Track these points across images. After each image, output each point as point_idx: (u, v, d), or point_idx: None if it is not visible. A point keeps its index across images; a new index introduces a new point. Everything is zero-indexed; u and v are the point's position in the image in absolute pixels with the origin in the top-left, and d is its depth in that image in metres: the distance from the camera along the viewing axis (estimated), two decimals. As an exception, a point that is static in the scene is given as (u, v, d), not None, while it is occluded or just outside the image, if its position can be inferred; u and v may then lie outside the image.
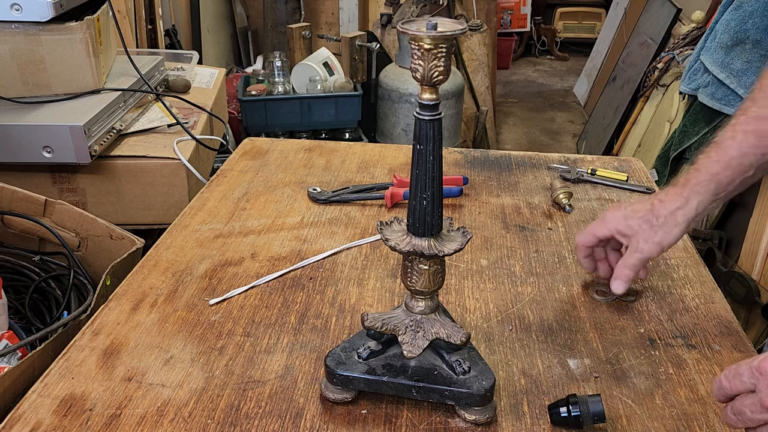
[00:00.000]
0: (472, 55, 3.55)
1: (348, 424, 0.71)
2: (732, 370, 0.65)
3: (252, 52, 4.09)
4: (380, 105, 2.97)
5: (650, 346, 0.83)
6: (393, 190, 1.17)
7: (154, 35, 2.77)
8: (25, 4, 1.34)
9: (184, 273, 0.96)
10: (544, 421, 0.71)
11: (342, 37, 2.87)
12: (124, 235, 1.21)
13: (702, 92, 2.24)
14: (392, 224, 0.71)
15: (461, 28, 0.61)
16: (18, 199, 1.25)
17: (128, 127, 1.52)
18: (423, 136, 0.64)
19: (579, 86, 5.18)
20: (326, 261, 1.01)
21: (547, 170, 1.33)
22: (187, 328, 0.85)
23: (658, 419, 0.72)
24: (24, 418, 0.70)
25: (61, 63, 1.43)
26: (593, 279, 0.97)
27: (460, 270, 0.99)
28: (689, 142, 2.36)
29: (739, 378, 0.64)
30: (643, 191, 1.23)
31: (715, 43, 2.18)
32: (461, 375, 0.71)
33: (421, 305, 0.72)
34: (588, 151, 3.86)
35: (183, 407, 0.72)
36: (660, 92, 3.07)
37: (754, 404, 0.62)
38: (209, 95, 1.88)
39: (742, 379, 0.63)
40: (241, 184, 1.24)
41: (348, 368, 0.72)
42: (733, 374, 0.65)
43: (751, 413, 0.62)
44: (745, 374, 0.63)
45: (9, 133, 1.32)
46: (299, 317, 0.88)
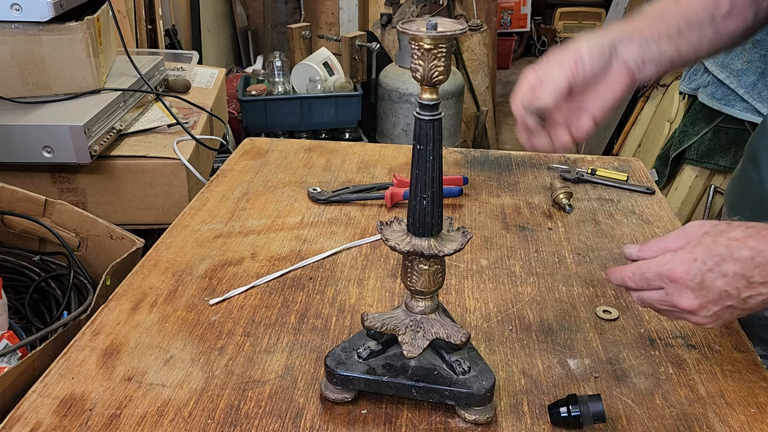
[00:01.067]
0: (472, 55, 3.55)
1: (348, 424, 0.71)
2: (638, 275, 0.70)
3: (252, 52, 4.09)
4: (380, 105, 2.97)
5: (650, 346, 0.83)
6: (393, 190, 1.17)
7: (154, 35, 2.77)
8: (25, 4, 1.34)
9: (184, 273, 0.96)
10: (544, 421, 0.71)
11: (342, 37, 2.87)
12: (124, 235, 1.21)
13: (702, 92, 2.24)
14: (392, 224, 0.71)
15: (461, 28, 0.61)
16: (18, 199, 1.25)
17: (128, 127, 1.52)
18: (423, 136, 0.64)
19: (579, 86, 5.17)
20: (326, 261, 1.01)
21: (547, 170, 1.33)
22: (187, 328, 0.85)
23: (658, 419, 0.72)
24: (24, 418, 0.70)
25: (61, 63, 1.43)
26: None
27: (460, 270, 0.99)
28: (689, 142, 2.36)
29: (646, 282, 0.69)
30: (643, 191, 1.23)
31: (715, 43, 2.17)
32: (461, 375, 0.71)
33: (421, 305, 0.72)
34: (588, 151, 3.86)
35: (183, 407, 0.72)
36: (660, 92, 3.07)
37: (664, 301, 0.69)
38: (209, 95, 1.88)
39: (649, 282, 0.69)
40: (241, 184, 1.24)
41: (348, 368, 0.72)
42: (640, 278, 0.70)
43: (660, 306, 0.70)
44: (652, 279, 0.69)
45: (9, 133, 1.32)
46: (299, 317, 0.88)
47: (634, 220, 1.14)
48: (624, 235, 1.09)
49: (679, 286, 0.67)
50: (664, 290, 0.69)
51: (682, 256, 0.67)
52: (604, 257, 1.02)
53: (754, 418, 0.72)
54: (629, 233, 1.09)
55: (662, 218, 1.14)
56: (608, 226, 1.12)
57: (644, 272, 0.70)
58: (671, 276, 0.67)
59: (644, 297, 0.71)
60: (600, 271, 0.99)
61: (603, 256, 1.03)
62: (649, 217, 1.15)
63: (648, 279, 0.69)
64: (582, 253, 1.03)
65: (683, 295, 0.67)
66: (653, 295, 0.70)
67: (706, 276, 0.66)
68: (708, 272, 0.66)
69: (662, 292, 0.69)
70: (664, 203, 1.20)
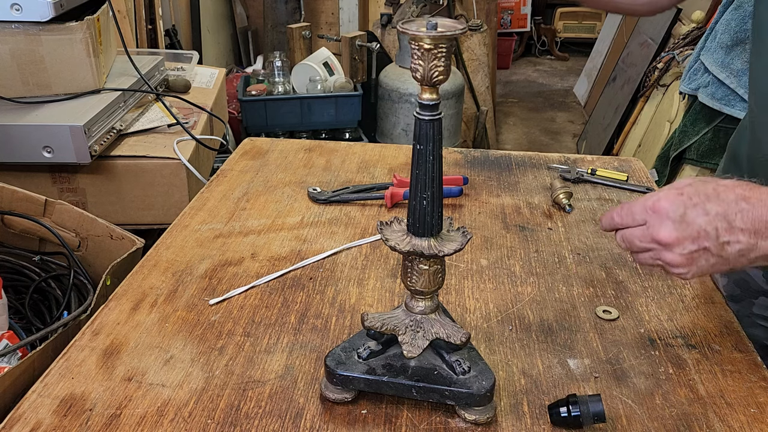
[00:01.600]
0: (472, 55, 3.55)
1: (348, 424, 0.71)
2: (625, 209, 0.73)
3: (252, 52, 4.09)
4: (380, 105, 2.97)
5: (650, 346, 0.83)
6: (393, 190, 1.17)
7: (154, 35, 2.77)
8: (25, 4, 1.34)
9: (184, 273, 0.96)
10: (544, 421, 0.71)
11: (342, 37, 2.87)
12: (124, 235, 1.21)
13: (702, 92, 2.24)
14: (392, 224, 0.71)
15: (461, 28, 0.61)
16: (18, 199, 1.25)
17: (128, 127, 1.52)
18: (423, 136, 0.64)
19: (579, 86, 5.18)
20: (326, 261, 1.01)
21: (547, 170, 1.33)
22: (187, 328, 0.85)
23: (658, 419, 0.72)
24: (24, 418, 0.70)
25: (61, 63, 1.43)
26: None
27: (460, 270, 0.99)
28: (689, 142, 2.36)
29: (631, 216, 0.72)
30: (643, 191, 1.23)
31: (715, 43, 2.18)
32: (461, 375, 0.71)
33: (421, 305, 0.72)
34: (588, 151, 3.86)
35: (183, 407, 0.72)
36: (660, 92, 3.07)
37: (644, 236, 0.70)
38: (209, 95, 1.88)
39: (634, 216, 0.71)
40: (241, 184, 1.24)
41: (348, 368, 0.72)
42: (627, 212, 0.72)
43: (640, 242, 0.71)
44: (638, 213, 0.71)
45: (9, 133, 1.32)
46: (299, 317, 0.88)
47: (634, 220, 1.13)
48: (624, 235, 1.09)
49: (660, 216, 0.68)
50: (647, 224, 0.70)
51: (669, 191, 0.70)
52: (604, 257, 1.02)
53: (754, 418, 0.72)
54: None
55: (662, 218, 1.14)
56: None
57: (631, 206, 0.72)
58: (655, 207, 0.69)
59: (626, 233, 0.73)
60: (600, 270, 0.99)
61: (603, 256, 1.03)
62: (649, 217, 1.15)
63: (634, 212, 0.71)
64: (582, 253, 1.03)
65: (663, 225, 0.68)
66: (635, 231, 0.71)
67: (690, 210, 0.67)
68: (692, 207, 0.67)
69: (644, 227, 0.70)
70: (664, 203, 1.20)
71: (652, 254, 0.71)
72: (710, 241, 0.67)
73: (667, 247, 0.69)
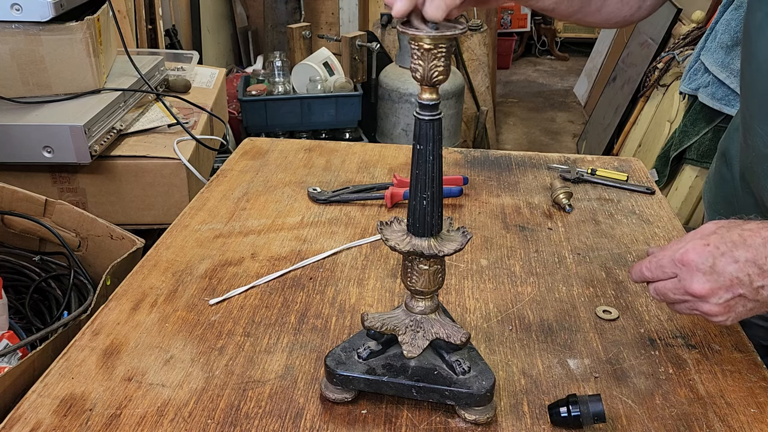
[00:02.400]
0: (472, 55, 3.55)
1: (348, 424, 0.71)
2: (654, 263, 0.73)
3: (252, 52, 4.10)
4: (380, 105, 2.97)
5: (650, 346, 0.83)
6: (393, 190, 1.17)
7: (154, 35, 2.77)
8: (25, 4, 1.34)
9: (184, 273, 0.96)
10: (544, 421, 0.71)
11: (342, 37, 2.87)
12: (124, 235, 1.21)
13: (702, 92, 2.24)
14: (392, 224, 0.71)
15: (461, 28, 0.61)
16: (18, 199, 1.25)
17: (128, 127, 1.52)
18: (423, 136, 0.64)
19: (579, 86, 5.18)
20: (326, 261, 1.01)
21: (547, 170, 1.33)
22: (187, 328, 0.85)
23: (658, 419, 0.72)
24: (24, 418, 0.70)
25: (62, 63, 1.43)
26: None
27: (460, 270, 0.99)
28: (689, 142, 2.36)
29: (661, 269, 0.72)
30: (643, 191, 1.23)
31: (716, 43, 2.18)
32: (461, 375, 0.71)
33: (421, 305, 0.72)
34: (588, 151, 3.87)
35: (183, 407, 0.72)
36: (660, 92, 3.07)
37: (677, 288, 0.71)
38: (209, 95, 1.88)
39: (664, 270, 0.72)
40: (241, 184, 1.24)
41: (348, 368, 0.72)
42: (656, 266, 0.73)
43: (674, 295, 0.71)
44: (667, 266, 0.71)
45: (9, 133, 1.32)
46: (299, 317, 0.88)
47: (634, 220, 1.14)
48: (624, 235, 1.09)
49: (690, 269, 0.68)
50: (678, 277, 0.70)
51: (695, 242, 0.69)
52: (604, 257, 1.02)
53: (754, 418, 0.72)
54: (629, 233, 1.09)
55: (662, 218, 1.15)
56: (608, 226, 1.12)
57: (659, 260, 0.72)
58: (684, 259, 0.69)
59: (659, 287, 0.73)
60: (600, 270, 0.99)
61: (603, 256, 1.03)
62: (649, 217, 1.15)
63: (663, 266, 0.71)
64: (582, 253, 1.03)
65: (695, 278, 0.68)
66: (667, 284, 0.71)
67: (718, 260, 0.67)
68: (720, 256, 0.67)
69: (675, 279, 0.70)
70: (664, 203, 1.20)
71: (689, 305, 0.71)
72: (744, 287, 0.67)
73: (702, 299, 0.69)
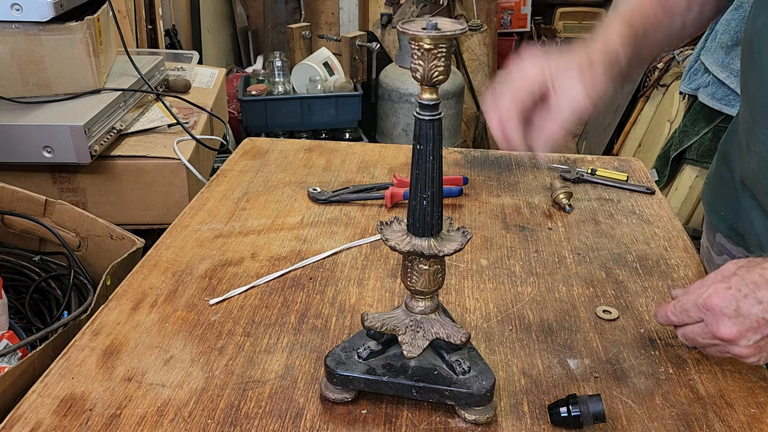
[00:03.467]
0: (472, 55, 3.55)
1: (348, 424, 0.71)
2: (679, 308, 0.73)
3: (252, 52, 4.10)
4: (380, 105, 2.97)
5: (650, 346, 0.83)
6: (393, 190, 1.17)
7: (154, 35, 2.78)
8: (25, 4, 1.34)
9: (184, 273, 0.96)
10: (544, 421, 0.71)
11: (342, 37, 2.87)
12: (124, 235, 1.21)
13: (702, 92, 2.24)
14: (392, 224, 0.71)
15: (461, 28, 0.61)
16: (18, 199, 1.25)
17: (128, 127, 1.52)
18: (423, 136, 0.64)
19: (579, 86, 5.17)
20: (326, 261, 1.01)
21: (547, 170, 1.33)
22: (187, 328, 0.85)
23: (658, 419, 0.72)
24: (24, 418, 0.70)
25: (62, 63, 1.43)
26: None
27: (460, 270, 0.99)
28: (689, 142, 2.36)
29: (686, 314, 0.72)
30: (643, 191, 1.23)
31: (716, 43, 2.18)
32: (461, 375, 0.71)
33: (421, 305, 0.72)
34: (588, 151, 3.86)
35: (183, 407, 0.72)
36: (660, 92, 3.07)
37: (705, 333, 0.71)
38: (209, 95, 1.88)
39: (689, 314, 0.72)
40: (241, 184, 1.24)
41: (348, 368, 0.72)
42: (680, 311, 0.73)
43: (702, 339, 0.72)
44: (692, 311, 0.72)
45: (9, 133, 1.32)
46: (299, 317, 0.88)
47: (634, 220, 1.14)
48: (624, 235, 1.09)
49: (716, 314, 0.69)
50: (704, 321, 0.71)
51: (717, 286, 0.70)
52: (604, 257, 1.02)
53: (754, 418, 0.72)
54: (629, 233, 1.09)
55: (662, 218, 1.14)
56: (608, 226, 1.12)
57: (683, 304, 0.72)
58: (708, 305, 0.69)
59: (687, 332, 0.73)
60: (600, 270, 0.99)
61: (603, 256, 1.03)
62: (649, 217, 1.15)
63: (687, 311, 0.72)
64: (582, 253, 1.03)
65: (721, 323, 0.69)
66: (695, 328, 0.72)
67: (742, 303, 0.68)
68: (743, 299, 0.68)
69: (702, 324, 0.71)
70: (664, 203, 1.20)
71: (719, 348, 0.72)
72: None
73: (731, 342, 0.69)
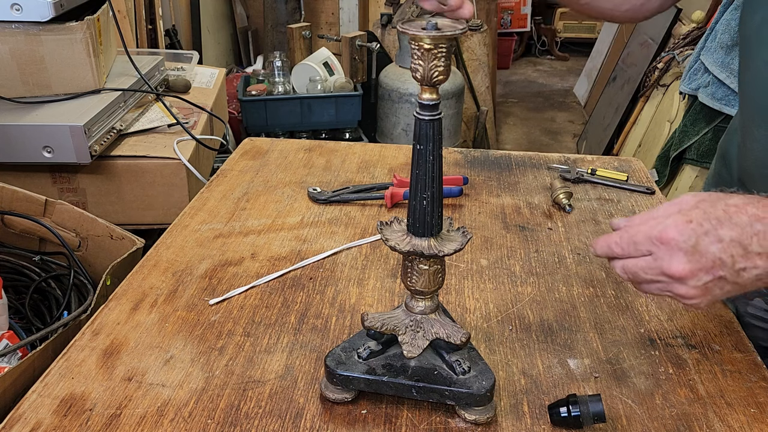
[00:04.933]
0: (472, 55, 3.55)
1: (348, 424, 0.71)
2: (626, 239, 0.66)
3: (252, 52, 4.10)
4: (380, 105, 2.97)
5: (650, 346, 0.83)
6: (393, 190, 1.17)
7: (154, 35, 2.78)
8: (25, 4, 1.34)
9: (184, 273, 0.96)
10: (544, 421, 0.71)
11: (342, 37, 2.87)
12: (124, 235, 1.21)
13: (702, 92, 2.24)
14: (392, 224, 0.71)
15: (461, 28, 0.61)
16: (18, 199, 1.25)
17: (128, 127, 1.52)
18: (423, 136, 0.64)
19: (579, 86, 5.18)
20: (326, 261, 1.01)
21: (547, 170, 1.33)
22: (187, 328, 0.85)
23: (658, 419, 0.72)
24: (24, 418, 0.70)
25: (61, 63, 1.43)
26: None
27: (460, 270, 0.99)
28: (689, 141, 2.36)
29: (634, 246, 0.65)
30: (643, 191, 1.23)
31: (716, 43, 2.18)
32: (461, 375, 0.71)
33: (421, 305, 0.72)
34: (588, 151, 3.87)
35: (183, 407, 0.72)
36: (660, 92, 3.07)
37: (651, 268, 0.64)
38: (209, 95, 1.88)
39: (637, 247, 0.65)
40: (241, 184, 1.24)
41: (348, 368, 0.72)
42: (627, 242, 0.65)
43: (645, 275, 0.65)
44: (641, 243, 0.64)
45: (9, 133, 1.32)
46: (299, 317, 0.88)
47: (634, 220, 1.13)
48: (624, 235, 1.09)
49: (670, 248, 0.62)
50: (653, 255, 0.64)
51: (677, 218, 0.63)
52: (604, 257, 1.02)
53: (754, 418, 0.72)
54: (629, 233, 1.09)
55: (662, 218, 1.14)
56: (608, 226, 1.12)
57: (632, 235, 0.65)
58: (663, 237, 0.63)
59: (629, 265, 0.66)
60: (600, 270, 0.99)
61: (603, 256, 1.03)
62: (649, 217, 1.15)
63: (637, 243, 0.65)
64: (582, 253, 1.03)
65: (674, 258, 0.62)
66: (640, 262, 0.65)
67: (702, 239, 0.61)
68: (704, 235, 0.61)
69: (650, 258, 0.64)
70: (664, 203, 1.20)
71: (661, 286, 0.65)
72: (726, 269, 0.62)
73: (679, 281, 0.63)
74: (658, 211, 0.66)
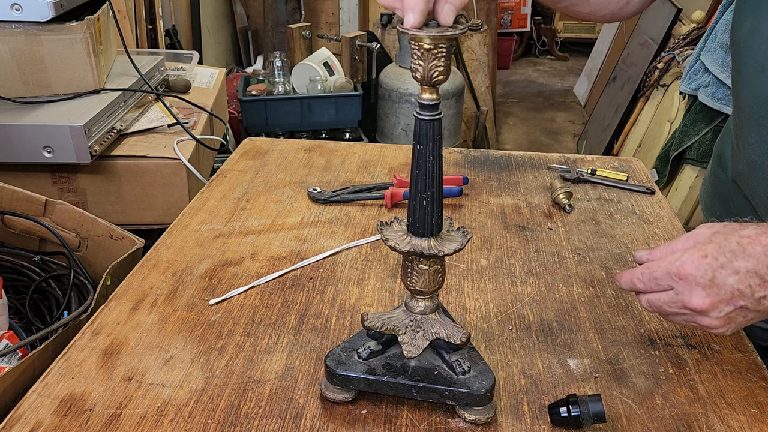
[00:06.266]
0: (472, 55, 3.55)
1: (348, 424, 0.71)
2: (647, 275, 0.69)
3: (252, 52, 4.10)
4: (380, 105, 2.97)
5: (650, 346, 0.83)
6: (393, 190, 1.17)
7: (154, 35, 2.78)
8: (25, 4, 1.34)
9: (184, 273, 0.96)
10: (544, 421, 0.71)
11: (342, 37, 2.87)
12: (124, 235, 1.21)
13: (702, 92, 2.24)
14: (392, 224, 0.71)
15: (461, 28, 0.61)
16: (18, 199, 1.25)
17: (128, 127, 1.52)
18: (423, 136, 0.64)
19: (579, 86, 5.18)
20: (326, 261, 1.01)
21: (547, 170, 1.33)
22: (187, 328, 0.85)
23: (658, 419, 0.72)
24: (24, 418, 0.70)
25: (62, 63, 1.43)
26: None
27: (460, 270, 0.99)
28: (689, 141, 2.36)
29: (655, 282, 0.68)
30: (643, 191, 1.23)
31: (716, 43, 2.18)
32: (461, 375, 0.71)
33: (421, 305, 0.72)
34: (588, 151, 3.87)
35: (183, 407, 0.72)
36: (660, 92, 3.07)
37: (674, 302, 0.67)
38: (209, 95, 1.88)
39: (658, 282, 0.68)
40: (241, 184, 1.24)
41: (348, 368, 0.72)
42: (649, 278, 0.69)
43: (670, 308, 0.68)
44: (661, 279, 0.67)
45: (9, 133, 1.32)
46: (299, 317, 0.88)
47: (634, 220, 1.14)
48: (624, 235, 1.09)
49: (689, 283, 0.65)
50: (674, 290, 0.67)
51: (692, 253, 0.65)
52: (604, 257, 1.02)
53: (754, 418, 0.72)
54: (629, 233, 1.09)
55: (662, 218, 1.14)
56: (608, 226, 1.12)
57: (653, 271, 0.68)
58: (681, 273, 0.65)
59: (653, 299, 0.69)
60: (600, 270, 0.99)
61: (603, 256, 1.03)
62: (649, 217, 1.15)
63: (657, 278, 0.68)
64: (582, 253, 1.03)
65: (694, 293, 0.65)
66: (662, 296, 0.68)
67: (718, 273, 0.64)
68: (719, 269, 0.64)
69: (672, 292, 0.67)
70: (664, 203, 1.20)
71: (686, 318, 0.68)
72: (746, 299, 0.64)
73: (702, 313, 0.66)
74: (677, 244, 0.69)
